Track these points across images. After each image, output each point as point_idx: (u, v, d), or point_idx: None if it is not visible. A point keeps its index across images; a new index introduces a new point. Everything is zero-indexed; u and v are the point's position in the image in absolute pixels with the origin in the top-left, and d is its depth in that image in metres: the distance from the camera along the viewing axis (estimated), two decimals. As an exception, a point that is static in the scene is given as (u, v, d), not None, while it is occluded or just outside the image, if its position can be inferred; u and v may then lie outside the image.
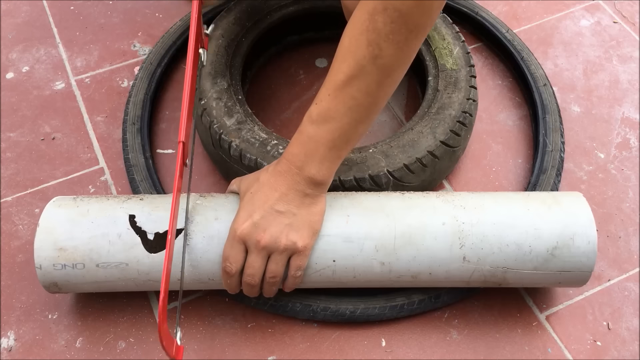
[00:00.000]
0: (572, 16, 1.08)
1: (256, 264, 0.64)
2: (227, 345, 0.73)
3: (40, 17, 1.08)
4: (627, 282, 0.78)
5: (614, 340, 0.74)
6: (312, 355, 0.72)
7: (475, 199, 0.70)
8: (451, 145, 0.78)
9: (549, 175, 0.84)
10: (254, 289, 0.67)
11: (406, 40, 0.58)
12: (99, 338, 0.73)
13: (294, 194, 0.63)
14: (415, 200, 0.69)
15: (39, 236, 0.66)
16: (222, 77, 0.82)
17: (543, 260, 0.67)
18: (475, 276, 0.68)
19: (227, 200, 0.69)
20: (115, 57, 1.02)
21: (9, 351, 0.72)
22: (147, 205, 0.68)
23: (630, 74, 1.00)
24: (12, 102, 0.96)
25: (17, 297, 0.76)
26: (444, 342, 0.73)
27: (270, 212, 0.63)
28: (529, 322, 0.75)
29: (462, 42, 0.87)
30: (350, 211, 0.67)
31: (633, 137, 0.92)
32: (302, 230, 0.64)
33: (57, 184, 0.87)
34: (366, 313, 0.73)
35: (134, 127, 0.89)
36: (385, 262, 0.67)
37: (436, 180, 0.83)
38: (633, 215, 0.84)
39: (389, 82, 0.61)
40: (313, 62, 1.01)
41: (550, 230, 0.67)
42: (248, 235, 0.63)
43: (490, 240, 0.67)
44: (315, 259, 0.66)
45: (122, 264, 0.66)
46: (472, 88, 0.82)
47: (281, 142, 0.76)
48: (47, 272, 0.66)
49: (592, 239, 0.67)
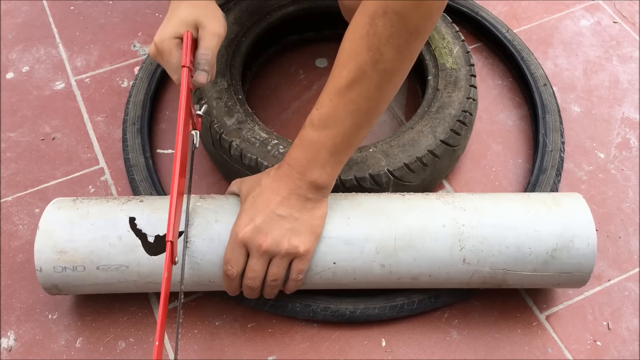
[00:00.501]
0: (572, 16, 1.08)
1: (257, 268, 0.64)
2: (227, 346, 0.73)
3: (40, 17, 1.08)
4: (627, 282, 0.78)
5: (614, 340, 0.73)
6: (312, 355, 0.72)
7: (475, 200, 0.70)
8: (451, 144, 0.78)
9: (549, 175, 0.84)
10: (254, 292, 0.67)
11: (407, 44, 0.58)
12: (99, 338, 0.73)
13: (295, 198, 0.63)
14: (415, 202, 0.69)
15: (39, 238, 0.66)
16: (222, 77, 0.82)
17: (543, 262, 0.67)
18: (475, 278, 0.68)
19: (227, 202, 0.69)
20: (115, 57, 1.02)
21: (9, 351, 0.72)
22: (147, 207, 0.68)
23: (630, 74, 1.00)
24: (12, 102, 0.96)
25: (17, 297, 0.76)
26: (444, 342, 0.73)
27: (272, 216, 0.63)
28: (529, 322, 0.75)
29: (462, 42, 0.87)
30: (350, 213, 0.67)
31: (633, 137, 0.92)
32: (303, 235, 0.64)
33: (57, 184, 0.87)
34: (366, 313, 0.73)
35: (134, 127, 0.89)
36: (386, 264, 0.67)
37: (436, 179, 0.83)
38: (633, 215, 0.84)
39: (389, 87, 0.61)
40: (313, 62, 1.01)
41: (550, 232, 0.67)
42: (250, 239, 0.63)
43: (490, 242, 0.67)
44: (315, 262, 0.66)
45: (122, 267, 0.66)
46: (472, 87, 0.82)
47: (281, 141, 0.76)
48: (47, 274, 0.66)
49: (591, 241, 0.67)
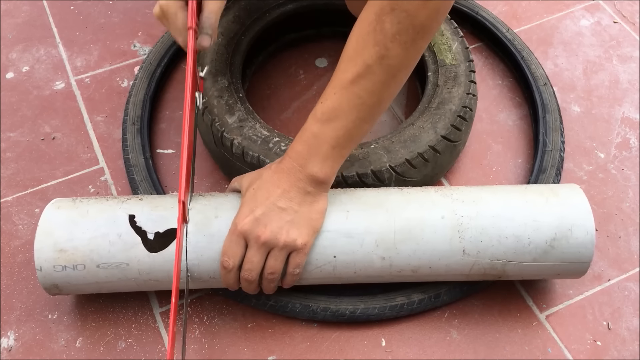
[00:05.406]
0: (572, 16, 1.08)
1: (255, 259, 0.64)
2: (227, 345, 0.73)
3: (40, 17, 1.08)
4: (627, 282, 0.78)
5: (614, 340, 0.73)
6: (312, 355, 0.72)
7: (474, 192, 0.70)
8: (452, 140, 0.79)
9: (549, 174, 0.84)
10: (252, 285, 0.67)
11: (413, 42, 0.59)
12: (99, 338, 0.73)
13: (295, 191, 0.64)
14: (414, 195, 0.70)
15: (39, 238, 0.66)
16: (222, 75, 0.82)
17: (542, 252, 0.67)
18: (475, 269, 0.69)
19: (227, 199, 0.69)
20: (115, 57, 1.02)
21: (9, 351, 0.72)
22: (146, 205, 0.68)
23: (630, 74, 1.00)
24: (12, 102, 0.96)
25: (17, 297, 0.76)
26: (444, 342, 0.73)
27: (272, 208, 0.63)
28: (529, 322, 0.75)
29: (461, 38, 0.88)
30: (349, 207, 0.68)
31: (633, 137, 0.92)
32: (302, 228, 0.64)
33: (57, 184, 0.87)
34: (366, 313, 0.73)
35: (134, 127, 0.89)
36: (386, 256, 0.67)
37: (437, 175, 0.83)
38: (633, 215, 0.84)
39: (394, 82, 0.62)
40: (313, 61, 1.01)
41: (548, 222, 0.67)
42: (249, 230, 0.63)
43: (489, 232, 0.67)
44: (315, 255, 0.66)
45: (122, 264, 0.66)
46: (472, 83, 0.82)
47: (283, 139, 0.76)
48: (47, 273, 0.66)
49: (589, 230, 0.67)
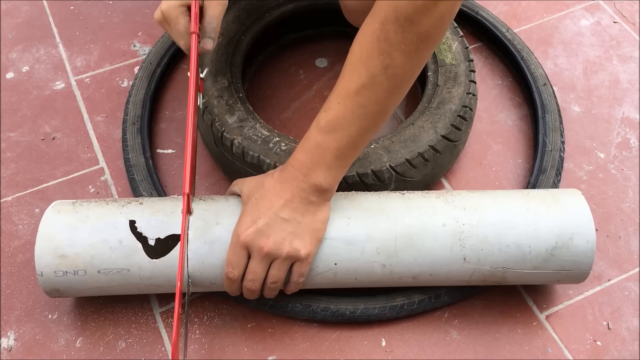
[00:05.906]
0: (572, 16, 1.08)
1: (258, 270, 0.64)
2: (227, 345, 0.73)
3: (40, 17, 1.08)
4: (627, 282, 0.78)
5: (614, 340, 0.73)
6: (312, 355, 0.72)
7: (475, 198, 0.70)
8: (452, 140, 0.79)
9: (549, 175, 0.84)
10: (254, 294, 0.67)
11: (417, 51, 0.58)
12: (99, 338, 0.73)
13: (298, 201, 0.63)
14: (415, 201, 0.69)
15: (39, 243, 0.66)
16: (222, 75, 0.82)
17: (542, 260, 0.67)
18: (475, 276, 0.69)
19: (227, 204, 0.69)
20: (115, 57, 1.02)
21: (9, 351, 0.72)
22: (147, 209, 0.68)
23: (630, 74, 1.00)
24: (12, 102, 0.96)
25: (17, 297, 0.76)
26: (444, 342, 0.73)
27: (274, 219, 0.63)
28: (529, 322, 0.75)
29: (461, 37, 0.87)
30: (350, 213, 0.67)
31: (633, 137, 0.92)
32: (305, 238, 0.64)
33: (57, 184, 0.87)
34: (366, 313, 0.73)
35: (134, 127, 0.89)
36: (387, 264, 0.67)
37: (438, 174, 0.83)
38: (633, 215, 0.84)
39: (398, 91, 0.61)
40: (313, 62, 1.01)
41: (549, 230, 0.67)
42: (252, 242, 0.63)
43: (490, 241, 0.67)
44: (317, 262, 0.66)
45: (123, 270, 0.66)
46: (472, 82, 0.82)
47: (283, 139, 0.76)
48: (48, 279, 0.66)
49: (590, 238, 0.67)
